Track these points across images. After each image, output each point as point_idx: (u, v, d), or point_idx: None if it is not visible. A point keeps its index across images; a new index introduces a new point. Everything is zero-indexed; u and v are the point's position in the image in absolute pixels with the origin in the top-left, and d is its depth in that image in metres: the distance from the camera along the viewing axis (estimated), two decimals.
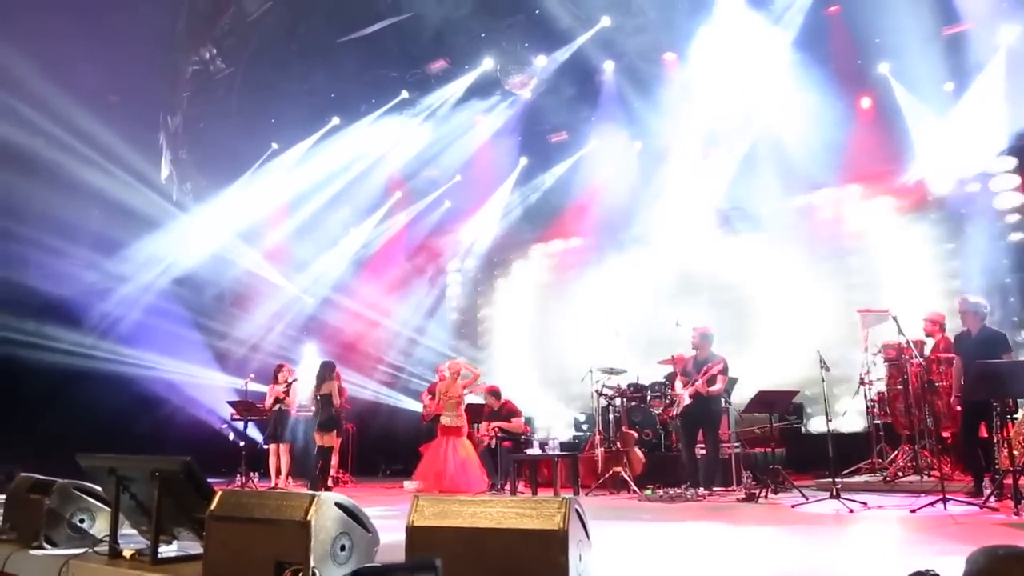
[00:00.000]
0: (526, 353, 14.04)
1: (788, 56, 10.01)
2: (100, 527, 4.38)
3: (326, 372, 10.05)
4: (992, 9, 9.12)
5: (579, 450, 10.00)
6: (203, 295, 13.76)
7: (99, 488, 4.39)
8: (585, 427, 11.50)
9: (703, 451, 8.28)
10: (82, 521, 4.41)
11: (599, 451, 9.27)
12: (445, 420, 9.07)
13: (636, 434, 9.32)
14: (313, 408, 10.16)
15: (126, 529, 4.15)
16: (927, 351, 8.11)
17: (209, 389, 13.03)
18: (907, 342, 7.43)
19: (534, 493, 8.58)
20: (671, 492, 7.91)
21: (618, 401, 9.99)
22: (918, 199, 10.91)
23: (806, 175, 10.91)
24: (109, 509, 4.10)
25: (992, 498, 5.90)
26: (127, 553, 3.88)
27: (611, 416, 9.92)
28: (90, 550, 4.11)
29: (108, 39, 10.55)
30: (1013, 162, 10.08)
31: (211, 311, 13.79)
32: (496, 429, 9.52)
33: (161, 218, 12.76)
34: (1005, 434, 6.07)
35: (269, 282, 14.36)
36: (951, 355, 7.35)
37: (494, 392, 9.97)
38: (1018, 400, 6.81)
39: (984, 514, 5.66)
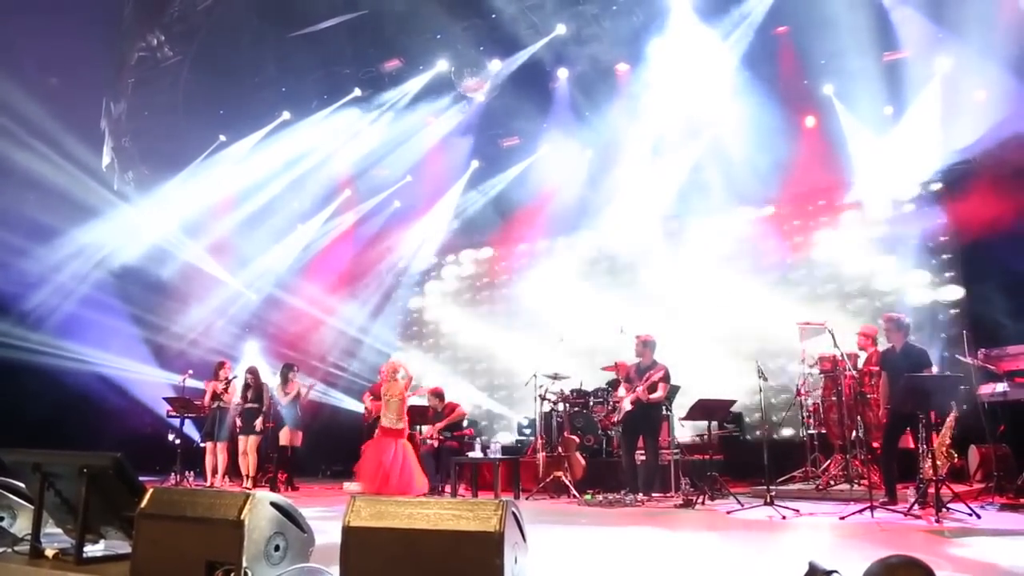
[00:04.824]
0: (471, 356, 14.03)
1: (737, 72, 10.25)
2: (21, 526, 4.20)
3: (289, 372, 10.38)
4: (929, 39, 9.49)
5: (521, 454, 10.03)
6: (142, 288, 13.37)
7: (22, 485, 4.22)
8: (528, 431, 11.54)
9: (644, 457, 8.38)
10: (1, 519, 4.23)
11: (541, 455, 9.31)
12: (385, 422, 9.00)
13: (578, 439, 9.39)
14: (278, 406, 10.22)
15: (50, 528, 4.00)
16: (861, 364, 8.38)
17: (145, 385, 12.68)
18: (841, 355, 7.68)
19: (474, 496, 8.58)
20: (610, 497, 8.00)
21: (561, 406, 10.06)
22: (856, 217, 11.30)
23: (751, 189, 11.19)
24: (32, 507, 3.95)
25: (916, 506, 6.13)
26: (50, 553, 3.75)
27: (554, 421, 9.97)
28: (9, 550, 3.95)
29: (50, 18, 10.20)
30: (945, 184, 10.52)
31: (150, 304, 13.42)
32: (439, 433, 9.50)
33: (101, 207, 12.38)
34: (930, 445, 6.32)
35: (211, 277, 14.05)
36: (880, 369, 7.60)
37: (438, 394, 9.94)
38: (942, 413, 7.11)
39: (907, 521, 5.88)
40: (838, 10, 9.21)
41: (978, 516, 5.86)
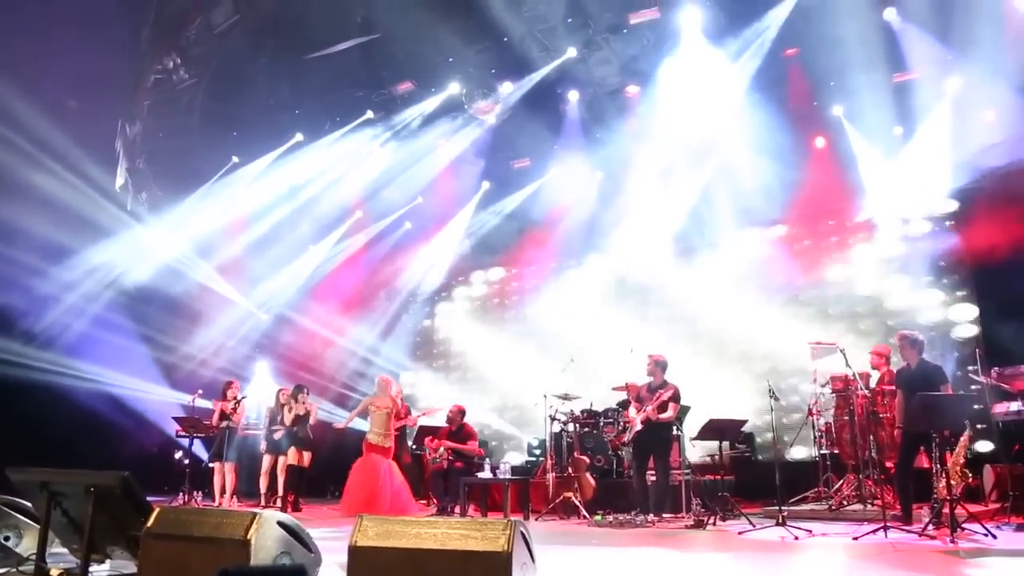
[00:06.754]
0: (481, 377, 13.99)
1: (747, 93, 10.26)
2: (28, 545, 4.20)
3: (299, 393, 10.35)
4: (938, 60, 9.49)
5: (531, 475, 9.97)
6: (153, 308, 13.43)
7: (28, 504, 4.22)
8: (538, 452, 11.48)
9: (654, 477, 8.31)
10: (7, 539, 4.22)
11: (551, 476, 9.25)
12: (370, 437, 8.90)
13: (588, 459, 9.32)
14: (282, 427, 10.12)
15: (56, 548, 3.99)
16: (873, 383, 8.30)
17: (155, 404, 12.68)
18: (853, 374, 7.62)
19: (484, 516, 8.50)
20: (620, 518, 7.91)
21: (571, 427, 9.99)
22: (867, 237, 11.26)
23: (762, 210, 11.18)
24: (38, 526, 3.94)
25: (930, 526, 6.04)
26: (55, 572, 3.74)
27: (564, 441, 9.91)
28: (14, 570, 3.94)
29: (68, 41, 10.36)
30: (955, 205, 10.49)
31: (160, 324, 13.46)
32: (448, 450, 9.44)
33: (113, 227, 12.47)
34: (944, 464, 6.23)
35: (222, 297, 14.10)
36: (895, 387, 7.53)
37: (460, 412, 9.87)
38: (956, 432, 7.01)
39: (922, 541, 5.79)
40: (847, 32, 9.23)
41: (994, 536, 5.77)
